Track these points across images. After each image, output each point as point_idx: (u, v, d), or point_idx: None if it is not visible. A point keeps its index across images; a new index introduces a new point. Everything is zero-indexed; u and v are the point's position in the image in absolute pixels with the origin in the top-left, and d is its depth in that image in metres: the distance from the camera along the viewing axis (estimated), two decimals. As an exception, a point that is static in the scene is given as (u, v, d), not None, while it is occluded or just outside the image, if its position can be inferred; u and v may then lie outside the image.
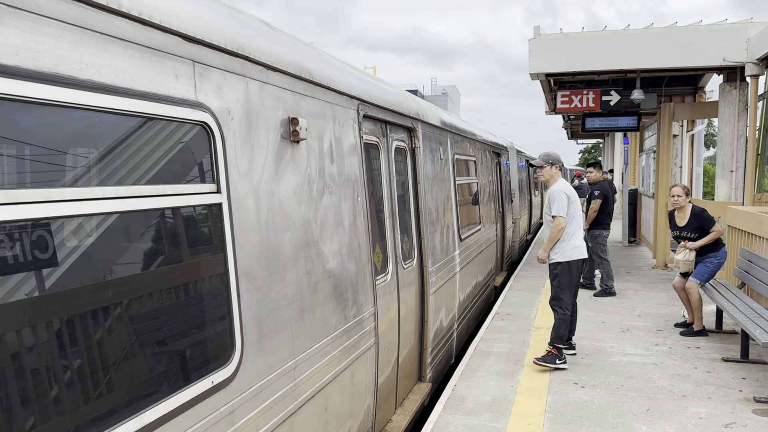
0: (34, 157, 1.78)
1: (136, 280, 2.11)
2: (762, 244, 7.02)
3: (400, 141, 5.33)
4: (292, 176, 3.15)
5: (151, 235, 2.21)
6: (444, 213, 6.63)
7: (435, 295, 6.01)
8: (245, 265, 2.64)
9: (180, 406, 2.17)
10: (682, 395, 5.33)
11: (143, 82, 2.10)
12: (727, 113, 10.61)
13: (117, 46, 2.00)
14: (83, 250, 1.93)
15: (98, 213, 1.95)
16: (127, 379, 2.01)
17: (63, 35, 1.79)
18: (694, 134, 16.53)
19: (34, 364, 1.72)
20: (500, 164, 11.92)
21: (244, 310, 2.61)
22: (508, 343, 7.00)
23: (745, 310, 6.08)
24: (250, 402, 2.64)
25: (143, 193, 2.10)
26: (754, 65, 9.64)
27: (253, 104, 2.80)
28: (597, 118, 14.38)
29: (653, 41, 10.31)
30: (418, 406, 5.35)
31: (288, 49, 3.26)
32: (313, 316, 3.29)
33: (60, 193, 1.80)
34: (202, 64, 2.44)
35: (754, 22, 10.04)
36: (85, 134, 1.94)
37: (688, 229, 7.17)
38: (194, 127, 2.39)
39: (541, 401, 5.23)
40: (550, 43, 10.82)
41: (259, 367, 2.72)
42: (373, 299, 4.25)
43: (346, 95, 3.96)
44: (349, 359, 3.81)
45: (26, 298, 1.72)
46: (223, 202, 2.50)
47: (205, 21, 2.50)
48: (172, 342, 2.26)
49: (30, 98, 1.68)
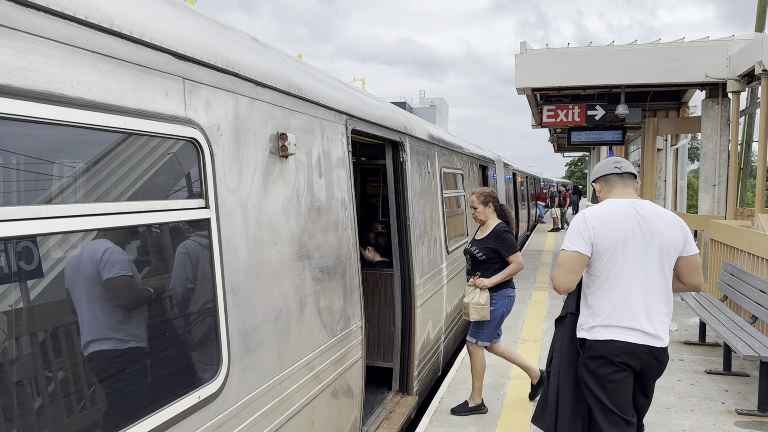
0: (24, 173, 1.80)
1: (127, 291, 2.13)
2: (743, 258, 7.13)
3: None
4: (281, 191, 3.18)
5: (140, 250, 2.23)
6: (431, 226, 6.67)
7: (422, 308, 6.03)
8: (233, 280, 2.66)
9: (167, 422, 2.18)
10: (665, 407, 5.38)
11: (133, 100, 2.13)
12: (710, 128, 10.80)
13: (108, 65, 2.03)
14: (60, 262, 1.94)
15: (88, 229, 1.96)
16: (113, 394, 2.02)
17: (55, 54, 1.82)
18: (678, 148, 16.78)
19: (16, 377, 1.73)
20: (487, 177, 12.01)
21: (231, 324, 2.62)
22: (494, 356, 7.02)
23: (727, 323, 6.17)
24: (236, 417, 2.65)
25: (132, 209, 2.12)
26: (735, 81, 9.82)
27: (242, 120, 2.83)
28: (583, 132, 14.56)
29: (637, 57, 10.49)
30: (405, 419, 5.36)
31: (277, 65, 3.30)
32: (301, 330, 3.31)
33: (50, 210, 1.81)
34: (192, 81, 2.47)
35: (736, 40, 10.26)
36: (75, 151, 1.96)
37: (480, 250, 5.22)
38: (184, 143, 2.42)
39: (527, 414, 5.25)
40: (536, 58, 10.97)
41: (246, 381, 2.73)
42: (360, 312, 4.27)
43: (334, 110, 4.00)
44: (337, 373, 3.82)
45: (13, 309, 1.73)
46: (212, 217, 2.52)
47: (196, 38, 2.54)
48: (159, 357, 2.27)
49: (21, 116, 1.70)
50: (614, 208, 3.26)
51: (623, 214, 3.23)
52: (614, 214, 3.23)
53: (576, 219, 3.32)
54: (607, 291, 3.21)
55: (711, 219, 9.32)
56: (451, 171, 8.12)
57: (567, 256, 3.22)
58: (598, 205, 3.35)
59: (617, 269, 3.19)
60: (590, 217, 3.24)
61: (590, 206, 3.38)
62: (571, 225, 3.33)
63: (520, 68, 10.90)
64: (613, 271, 3.20)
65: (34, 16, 1.75)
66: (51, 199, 1.87)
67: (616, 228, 3.20)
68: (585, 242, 3.20)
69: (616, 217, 3.22)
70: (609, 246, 3.19)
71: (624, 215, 3.22)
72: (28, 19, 1.73)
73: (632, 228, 3.20)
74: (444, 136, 8.12)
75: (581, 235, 3.21)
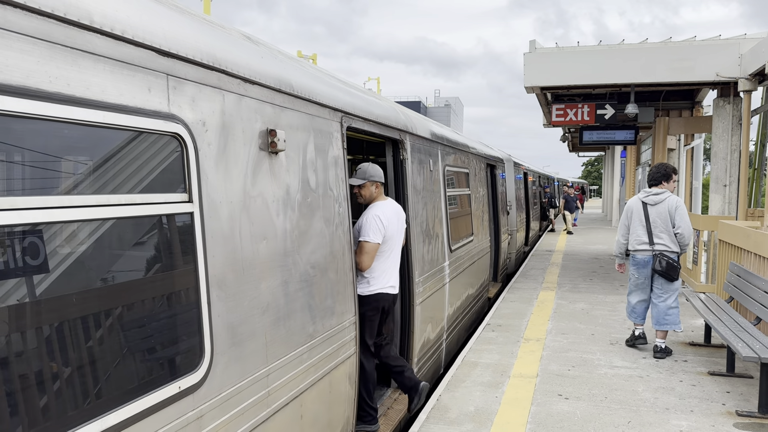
0: (1, 166, 1.85)
1: (101, 284, 2.18)
2: (749, 258, 7.06)
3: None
4: (269, 186, 3.22)
5: (119, 241, 2.28)
6: (433, 224, 6.69)
7: (422, 305, 6.05)
8: (217, 274, 2.70)
9: (145, 410, 2.22)
10: (665, 408, 5.35)
11: (114, 95, 2.18)
12: (721, 128, 10.68)
13: (88, 60, 2.08)
14: (54, 256, 2.00)
15: (66, 221, 2.01)
16: (91, 381, 2.07)
17: (32, 50, 1.87)
18: (693, 148, 16.60)
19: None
20: (495, 176, 11.98)
21: (214, 317, 2.66)
22: (496, 354, 7.03)
23: (730, 324, 6.11)
24: (219, 408, 2.69)
25: (111, 201, 2.16)
26: (746, 80, 9.72)
27: (229, 116, 2.87)
28: (595, 131, 14.49)
29: (647, 56, 10.41)
30: (402, 415, 5.38)
31: (268, 62, 3.34)
32: (289, 324, 3.35)
33: (26, 201, 1.86)
34: (176, 77, 2.51)
35: (748, 38, 10.14)
36: (53, 145, 2.01)
37: None
38: (166, 138, 2.46)
39: (523, 412, 5.26)
40: (545, 57, 10.94)
41: (230, 373, 2.78)
42: (354, 308, 4.30)
43: (329, 107, 4.03)
44: (328, 367, 3.85)
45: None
46: (195, 212, 2.57)
47: (181, 36, 2.58)
48: (138, 347, 2.32)
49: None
50: (393, 208, 4.86)
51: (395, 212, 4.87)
52: (393, 212, 4.82)
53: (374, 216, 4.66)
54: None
55: (720, 219, 9.22)
56: (455, 169, 8.12)
57: (372, 247, 4.61)
58: (384, 205, 4.78)
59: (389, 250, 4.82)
60: (382, 215, 4.69)
61: None
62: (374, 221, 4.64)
63: (529, 67, 10.87)
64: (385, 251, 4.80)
65: (11, 12, 1.80)
66: (29, 192, 1.92)
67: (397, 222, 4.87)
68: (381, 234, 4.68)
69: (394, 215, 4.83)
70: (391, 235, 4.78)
71: (396, 213, 4.89)
72: (4, 16, 1.78)
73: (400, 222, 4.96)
74: (448, 134, 8.12)
75: (379, 229, 4.65)
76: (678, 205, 6.74)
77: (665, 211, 6.74)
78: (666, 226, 6.74)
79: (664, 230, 6.75)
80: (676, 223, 6.71)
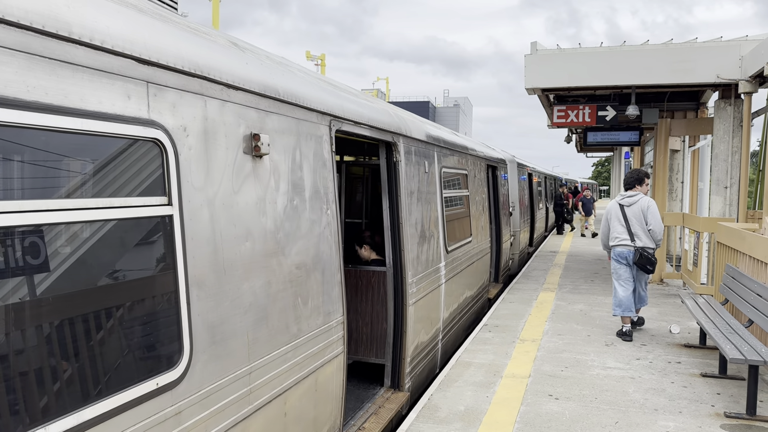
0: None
1: (81, 284, 2.27)
2: (744, 260, 7.07)
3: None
4: (253, 189, 3.30)
5: (99, 243, 2.37)
6: (428, 225, 6.75)
7: (415, 306, 6.12)
8: (197, 274, 2.79)
9: (122, 405, 2.32)
10: (653, 409, 5.39)
11: (93, 103, 2.27)
12: (722, 130, 10.66)
13: (67, 70, 2.17)
14: (36, 258, 2.09)
15: (46, 224, 2.11)
16: (65, 377, 2.16)
17: (10, 61, 1.96)
18: (699, 149, 16.53)
19: None
20: (497, 177, 12.02)
21: (194, 316, 2.75)
22: (490, 355, 7.09)
23: (722, 326, 6.14)
24: (199, 404, 2.78)
25: (90, 205, 2.26)
26: (747, 82, 9.70)
27: (211, 121, 2.96)
28: (599, 132, 14.47)
29: (648, 58, 10.42)
30: (393, 414, 5.46)
31: (253, 68, 3.42)
32: (272, 324, 3.43)
33: (4, 205, 1.95)
34: (156, 84, 2.60)
35: (749, 40, 10.12)
36: (31, 152, 2.10)
37: None
38: (146, 143, 2.55)
39: (512, 412, 5.32)
40: (546, 58, 10.97)
41: (210, 371, 2.86)
42: (342, 309, 4.38)
43: (316, 111, 4.11)
44: (314, 366, 3.94)
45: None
46: (174, 214, 2.66)
47: (162, 44, 2.67)
48: (117, 345, 2.41)
49: None
50: None
51: None
52: None
53: None
54: None
55: (718, 221, 9.22)
56: (452, 171, 8.18)
57: None
58: None
59: None
60: None
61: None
62: None
63: (530, 69, 10.91)
64: None
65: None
66: (9, 196, 2.01)
67: None
68: None
69: None
70: None
71: None
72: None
73: None
74: (445, 136, 8.18)
75: None
76: (649, 205, 7.70)
77: (639, 211, 7.71)
78: (641, 224, 7.69)
79: (639, 228, 7.69)
80: (648, 220, 7.65)
